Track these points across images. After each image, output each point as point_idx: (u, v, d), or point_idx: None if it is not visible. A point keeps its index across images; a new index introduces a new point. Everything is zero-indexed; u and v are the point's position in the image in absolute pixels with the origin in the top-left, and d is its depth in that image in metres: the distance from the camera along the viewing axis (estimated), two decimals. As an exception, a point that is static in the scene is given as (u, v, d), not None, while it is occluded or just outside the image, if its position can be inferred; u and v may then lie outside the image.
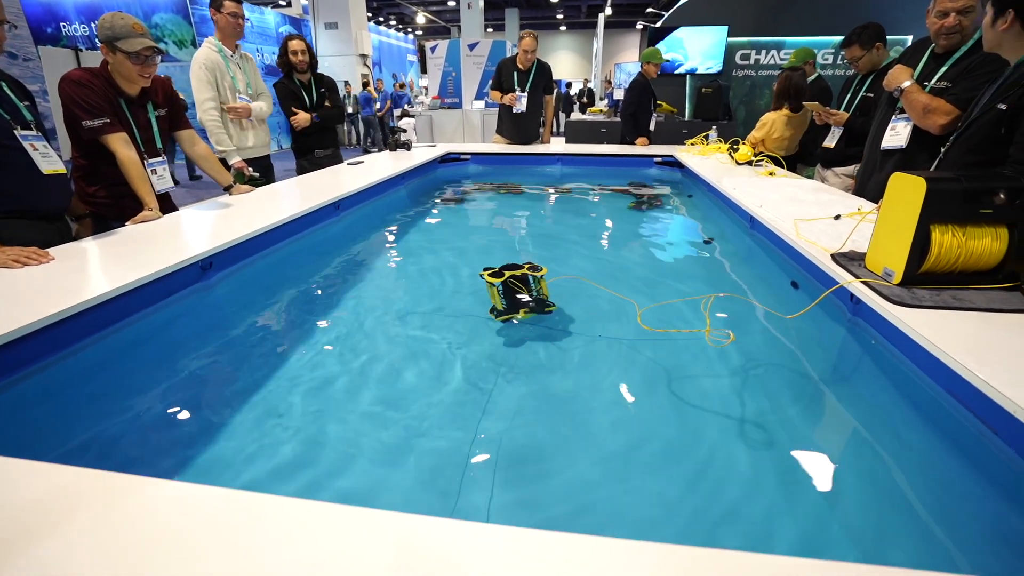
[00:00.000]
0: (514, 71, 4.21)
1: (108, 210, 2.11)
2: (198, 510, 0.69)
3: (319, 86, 3.49)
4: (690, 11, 7.24)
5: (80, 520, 0.67)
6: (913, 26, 6.42)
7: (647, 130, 4.59)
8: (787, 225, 1.93)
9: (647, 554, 0.62)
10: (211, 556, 0.61)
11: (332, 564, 0.60)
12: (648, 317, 1.70)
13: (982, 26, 1.61)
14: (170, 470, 1.08)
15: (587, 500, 1.02)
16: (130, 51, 1.90)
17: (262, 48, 11.52)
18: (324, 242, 2.47)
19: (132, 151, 2.00)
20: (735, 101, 7.27)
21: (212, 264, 1.76)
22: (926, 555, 0.89)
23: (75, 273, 1.48)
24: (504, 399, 1.33)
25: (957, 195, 1.23)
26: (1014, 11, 1.45)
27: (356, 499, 1.02)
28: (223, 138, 2.89)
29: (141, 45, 1.92)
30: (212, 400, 1.35)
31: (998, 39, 1.53)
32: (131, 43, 1.90)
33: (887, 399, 1.26)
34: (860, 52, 2.88)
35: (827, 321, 1.57)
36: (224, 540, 0.64)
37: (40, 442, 1.12)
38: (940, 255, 1.27)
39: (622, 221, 3.16)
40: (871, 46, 2.85)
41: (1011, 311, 1.19)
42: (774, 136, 3.54)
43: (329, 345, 1.62)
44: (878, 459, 1.11)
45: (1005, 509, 0.93)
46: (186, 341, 1.57)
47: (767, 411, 1.27)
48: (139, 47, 1.91)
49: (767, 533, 0.94)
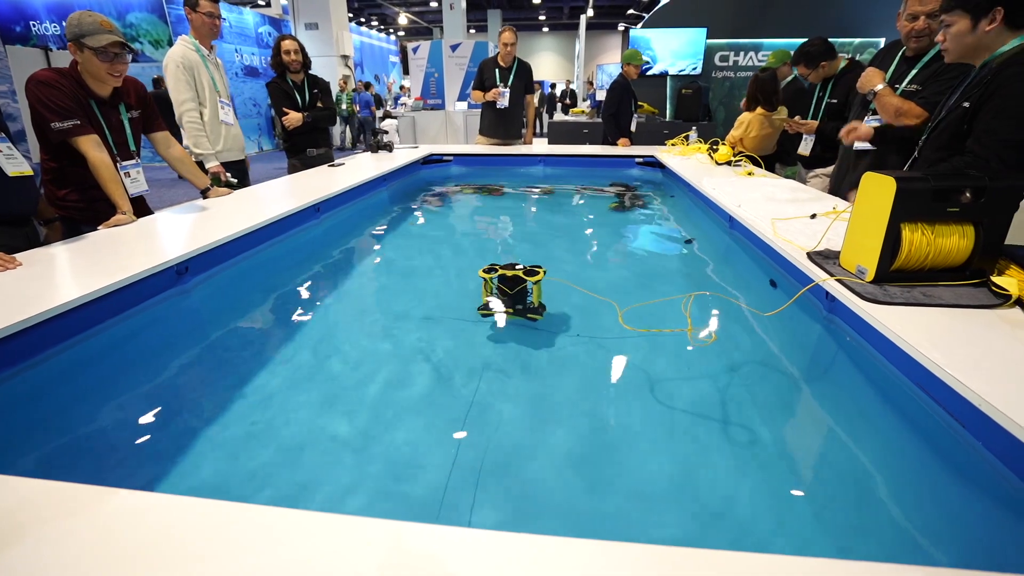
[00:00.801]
0: (495, 68, 4.24)
1: (80, 214, 2.06)
2: (174, 521, 0.67)
3: (312, 87, 3.48)
4: (670, 13, 7.33)
5: (44, 533, 0.65)
6: (885, 28, 6.58)
7: (628, 131, 4.63)
8: (765, 224, 1.96)
9: (634, 555, 0.62)
10: (188, 570, 0.60)
11: (316, 574, 0.59)
12: (630, 318, 1.71)
13: (950, 36, 1.58)
14: (145, 481, 1.06)
15: (570, 502, 1.02)
16: (96, 47, 1.86)
17: (241, 48, 11.35)
18: (304, 245, 2.44)
19: (103, 153, 1.95)
20: (715, 102, 7.37)
21: (188, 268, 1.72)
22: (897, 546, 0.91)
23: (42, 279, 1.43)
24: (487, 402, 1.33)
25: (926, 194, 1.26)
26: (1005, 8, 1.43)
27: (337, 506, 1.01)
28: (202, 140, 2.83)
29: (108, 41, 1.87)
30: (188, 408, 1.32)
31: (976, 43, 1.51)
32: (98, 39, 1.86)
33: (862, 394, 1.29)
34: (806, 71, 3.07)
35: (804, 318, 1.60)
36: (201, 552, 0.62)
37: (2, 455, 1.09)
38: (910, 253, 1.30)
39: (604, 222, 3.18)
40: (815, 65, 3.05)
41: (978, 307, 1.22)
42: (752, 135, 3.59)
43: (308, 351, 1.60)
44: (853, 453, 1.13)
45: (972, 498, 0.95)
46: (161, 348, 1.54)
47: (747, 408, 1.29)
48: (105, 42, 1.87)
49: (749, 530, 0.95)
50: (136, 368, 1.44)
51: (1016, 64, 1.40)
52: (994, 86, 1.41)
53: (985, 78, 1.48)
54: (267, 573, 0.59)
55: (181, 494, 0.74)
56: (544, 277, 1.63)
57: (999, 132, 1.38)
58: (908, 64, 2.25)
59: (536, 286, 1.66)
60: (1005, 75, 1.39)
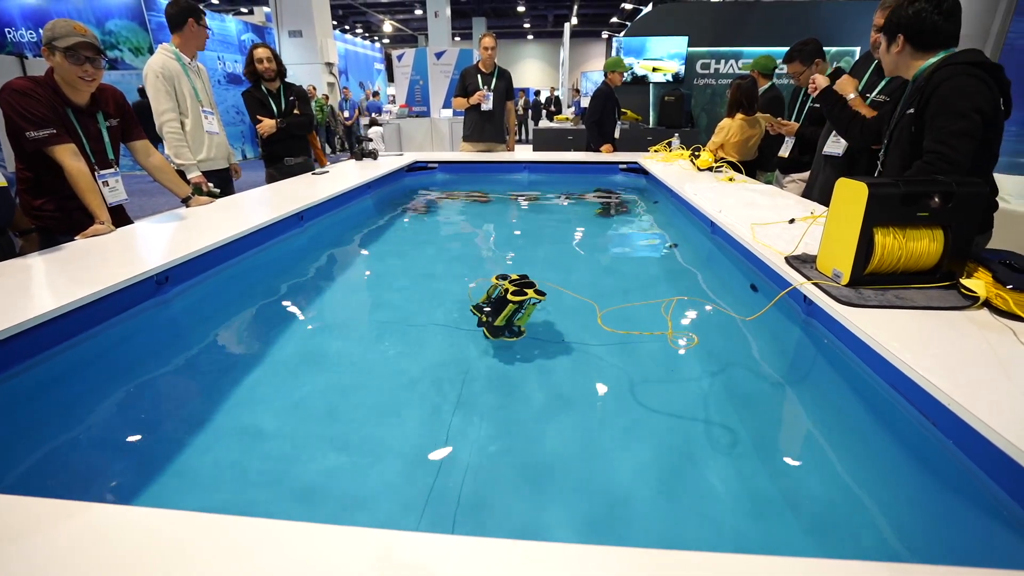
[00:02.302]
0: (477, 75, 4.29)
1: (56, 224, 2.03)
2: (153, 535, 0.66)
3: (287, 94, 3.45)
4: (652, 22, 7.45)
5: (17, 549, 0.63)
6: (861, 39, 6.75)
7: (612, 137, 4.68)
8: (744, 229, 2.00)
9: (622, 559, 0.63)
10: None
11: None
12: (612, 321, 1.73)
13: (879, 54, 1.77)
14: (125, 495, 1.04)
15: (559, 507, 1.03)
16: (64, 47, 1.83)
17: (224, 56, 11.26)
18: (288, 254, 2.42)
19: (81, 162, 1.92)
20: (697, 109, 7.49)
21: (168, 279, 1.70)
22: (871, 542, 0.93)
23: (16, 291, 1.41)
24: (472, 411, 1.33)
25: (896, 199, 1.30)
26: (903, 35, 1.63)
27: (323, 515, 1.00)
28: (183, 151, 2.79)
29: (75, 40, 1.84)
30: (168, 420, 1.31)
31: (894, 62, 1.71)
32: (66, 40, 1.83)
33: (838, 395, 1.31)
34: (801, 68, 3.07)
35: (783, 321, 1.63)
36: (183, 565, 0.62)
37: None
38: (883, 256, 1.34)
39: (589, 227, 3.20)
40: (811, 62, 3.04)
41: (948, 308, 1.26)
42: (732, 140, 3.66)
43: (291, 360, 1.59)
44: (829, 452, 1.16)
45: (943, 495, 0.97)
46: (140, 360, 1.51)
47: (728, 411, 1.31)
48: (73, 42, 1.84)
49: (727, 530, 0.97)
50: (115, 380, 1.41)
51: (942, 68, 1.55)
52: (928, 91, 1.56)
53: (919, 85, 1.61)
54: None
55: (160, 507, 0.73)
56: (531, 298, 1.56)
57: (946, 126, 1.51)
58: (879, 75, 2.32)
59: (529, 308, 1.61)
60: (935, 79, 1.54)
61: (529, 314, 1.63)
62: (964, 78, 1.50)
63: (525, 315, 1.62)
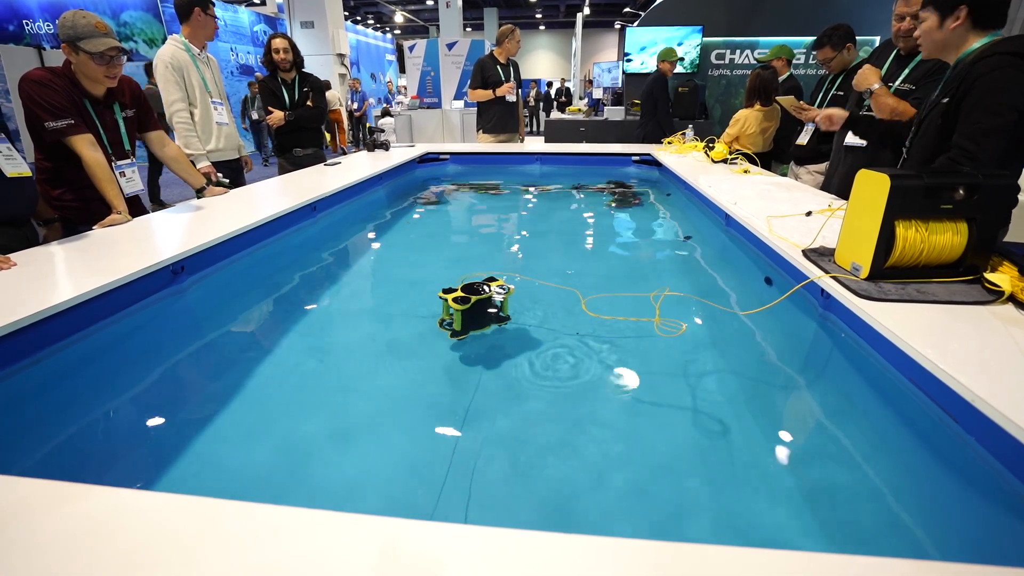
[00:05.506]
0: (497, 66, 4.27)
1: (75, 214, 2.05)
2: (168, 519, 0.67)
3: (303, 85, 3.46)
4: (666, 11, 7.33)
5: (37, 531, 0.65)
6: (880, 27, 6.59)
7: (670, 127, 4.71)
8: (760, 222, 1.97)
9: (630, 551, 0.62)
10: (182, 567, 0.60)
11: (308, 571, 0.60)
12: (608, 310, 1.71)
13: (922, 32, 1.64)
14: (141, 479, 1.06)
15: (560, 499, 1.03)
16: (94, 52, 1.85)
17: (236, 47, 11.31)
18: (300, 244, 2.44)
19: (98, 153, 1.95)
20: (711, 100, 7.38)
21: (184, 268, 1.72)
22: (892, 540, 0.92)
23: (38, 279, 1.43)
24: (485, 405, 1.33)
25: (919, 191, 1.26)
26: (968, 8, 1.49)
27: (335, 505, 1.01)
28: (192, 140, 2.82)
29: (105, 46, 1.86)
30: (184, 408, 1.32)
31: (944, 40, 1.57)
32: (95, 43, 1.85)
33: (857, 390, 1.29)
34: (832, 53, 2.96)
35: (800, 316, 1.61)
36: (195, 549, 0.62)
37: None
38: (904, 249, 1.31)
39: (602, 219, 3.18)
40: (842, 47, 2.93)
41: (971, 303, 1.23)
42: (748, 132, 3.60)
43: (305, 350, 1.60)
44: (848, 449, 1.14)
45: (966, 493, 0.96)
46: (157, 348, 1.53)
47: (741, 407, 1.29)
48: (103, 47, 1.86)
49: (742, 524, 0.96)
50: (132, 368, 1.43)
51: (986, 58, 1.45)
52: (969, 81, 1.46)
53: (961, 73, 1.52)
54: (262, 570, 0.60)
55: (176, 492, 0.74)
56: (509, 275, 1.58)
57: (980, 122, 1.44)
58: (900, 64, 2.26)
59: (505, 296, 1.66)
60: (977, 69, 1.44)
61: (506, 305, 1.69)
62: (1009, 71, 1.41)
63: (504, 304, 1.67)
